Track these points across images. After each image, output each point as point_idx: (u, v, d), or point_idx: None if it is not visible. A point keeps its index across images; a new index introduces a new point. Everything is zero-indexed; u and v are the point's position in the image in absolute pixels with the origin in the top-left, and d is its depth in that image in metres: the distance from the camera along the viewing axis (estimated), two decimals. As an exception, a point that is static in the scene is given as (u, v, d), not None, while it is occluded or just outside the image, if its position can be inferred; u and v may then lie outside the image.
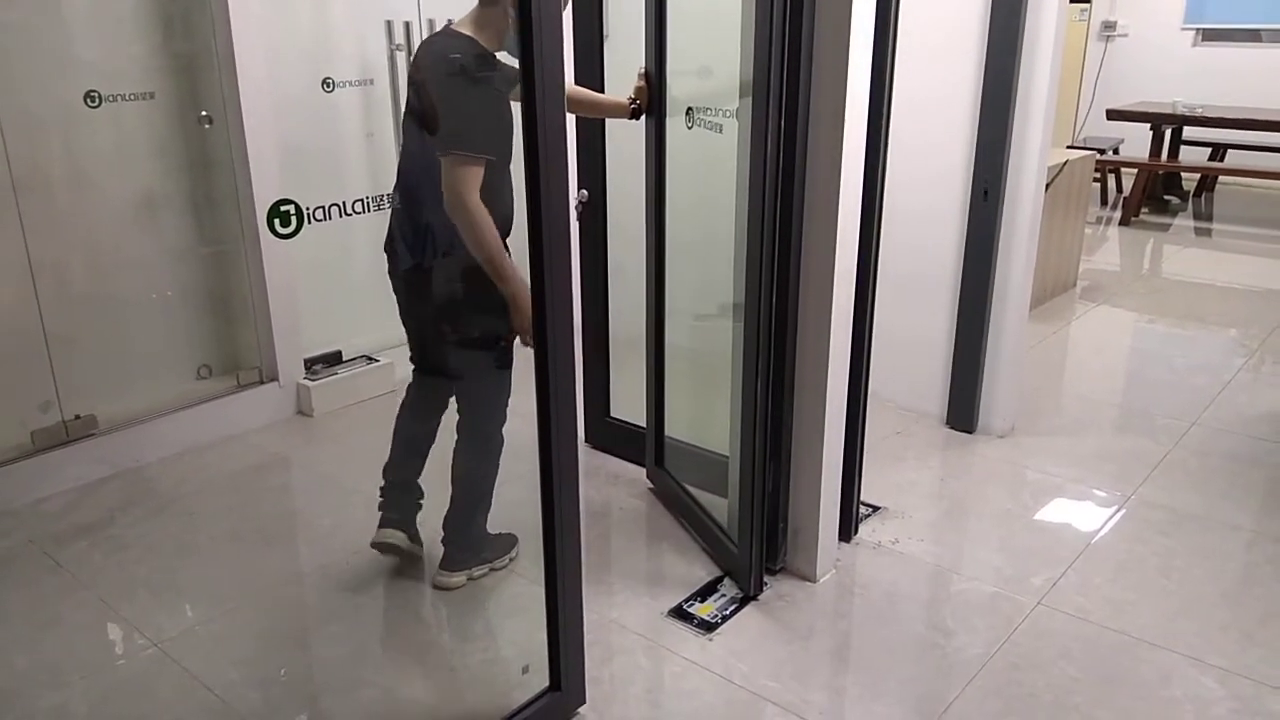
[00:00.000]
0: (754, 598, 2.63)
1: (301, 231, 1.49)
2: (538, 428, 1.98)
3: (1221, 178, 8.14)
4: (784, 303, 2.51)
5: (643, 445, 3.22)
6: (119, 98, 3.37)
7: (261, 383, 3.77)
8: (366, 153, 3.95)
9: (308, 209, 1.95)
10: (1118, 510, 3.11)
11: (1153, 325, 5.09)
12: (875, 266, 2.75)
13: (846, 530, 2.90)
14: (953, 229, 3.48)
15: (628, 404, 3.41)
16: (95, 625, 2.60)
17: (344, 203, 3.33)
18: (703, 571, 2.75)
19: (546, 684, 2.16)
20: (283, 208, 1.44)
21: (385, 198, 3.81)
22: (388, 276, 2.41)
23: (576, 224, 3.14)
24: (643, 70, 2.82)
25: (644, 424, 3.20)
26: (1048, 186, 3.78)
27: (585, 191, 3.15)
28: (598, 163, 3.20)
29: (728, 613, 2.58)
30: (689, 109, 2.78)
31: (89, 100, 3.29)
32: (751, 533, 2.58)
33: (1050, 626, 2.54)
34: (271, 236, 1.45)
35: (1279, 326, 4.84)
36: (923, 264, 3.59)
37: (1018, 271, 3.42)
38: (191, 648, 2.47)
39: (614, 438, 3.45)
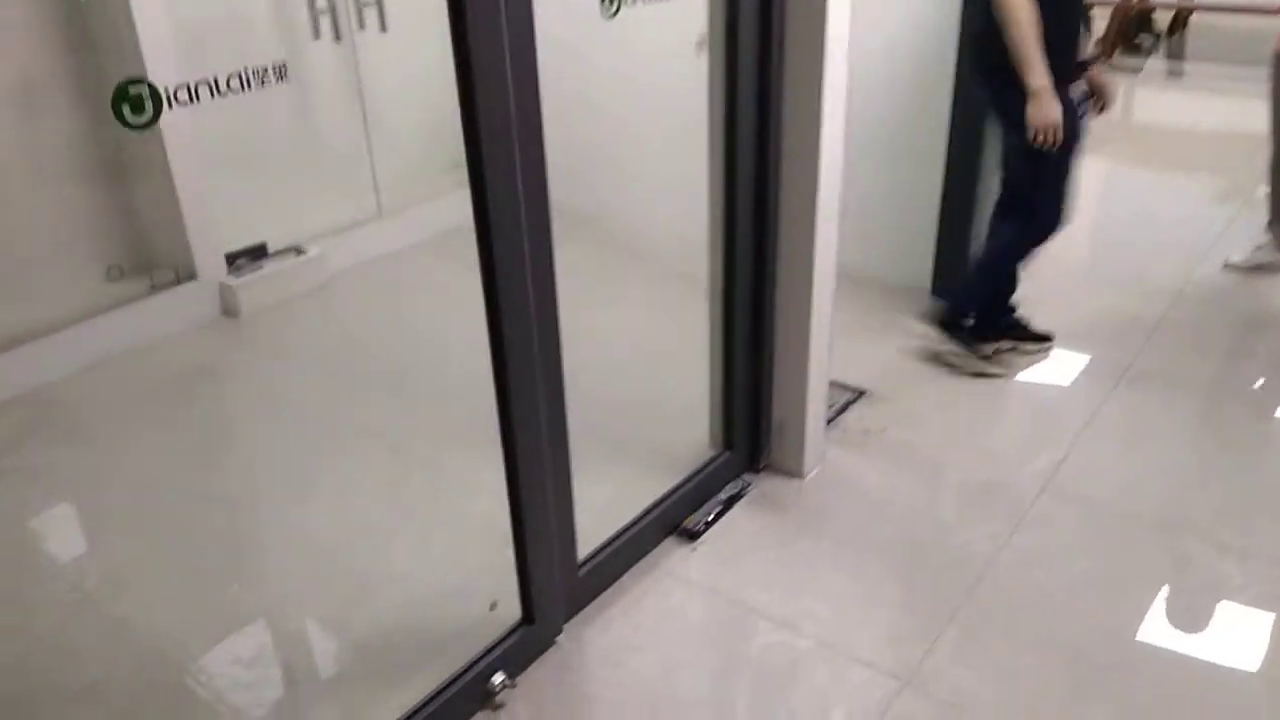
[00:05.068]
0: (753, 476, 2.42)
1: (161, 117, 1.15)
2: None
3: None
4: (762, 168, 2.19)
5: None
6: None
7: (178, 282, 3.39)
8: (277, 13, 3.46)
9: (214, 81, 1.54)
10: (1118, 381, 2.91)
11: (1135, 175, 4.85)
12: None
13: (831, 418, 2.67)
14: (941, 80, 3.14)
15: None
16: (5, 571, 2.31)
17: (245, 72, 2.87)
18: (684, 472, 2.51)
19: (519, 617, 1.94)
20: (131, 90, 1.10)
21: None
22: None
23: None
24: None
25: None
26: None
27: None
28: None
29: (710, 518, 2.36)
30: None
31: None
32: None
33: (1057, 515, 2.36)
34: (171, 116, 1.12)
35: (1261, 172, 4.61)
36: (907, 120, 3.27)
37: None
38: (117, 591, 2.21)
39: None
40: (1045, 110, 2.54)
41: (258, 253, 3.60)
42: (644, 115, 3.74)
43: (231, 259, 3.52)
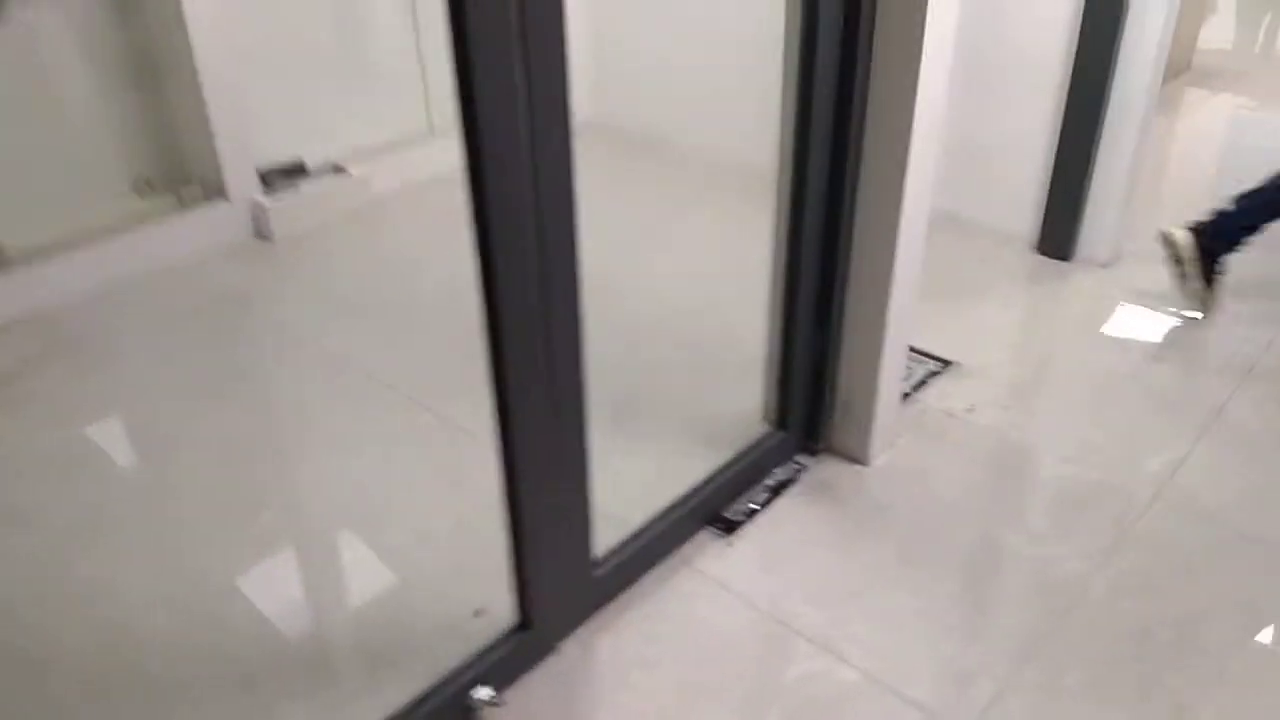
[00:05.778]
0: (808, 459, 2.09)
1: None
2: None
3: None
4: (847, 81, 1.79)
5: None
6: None
7: (207, 200, 3.16)
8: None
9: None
10: (1254, 364, 2.47)
11: (1273, 115, 4.22)
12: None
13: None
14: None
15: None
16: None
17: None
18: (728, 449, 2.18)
19: (515, 622, 1.67)
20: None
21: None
22: None
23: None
24: None
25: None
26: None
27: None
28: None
29: (753, 507, 2.04)
30: None
31: None
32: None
33: (1171, 530, 1.98)
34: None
35: None
36: (1020, 44, 2.80)
37: (1150, 46, 2.63)
38: (87, 548, 2.00)
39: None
40: None
41: (295, 171, 3.34)
42: (711, 22, 3.33)
43: (266, 177, 3.28)
